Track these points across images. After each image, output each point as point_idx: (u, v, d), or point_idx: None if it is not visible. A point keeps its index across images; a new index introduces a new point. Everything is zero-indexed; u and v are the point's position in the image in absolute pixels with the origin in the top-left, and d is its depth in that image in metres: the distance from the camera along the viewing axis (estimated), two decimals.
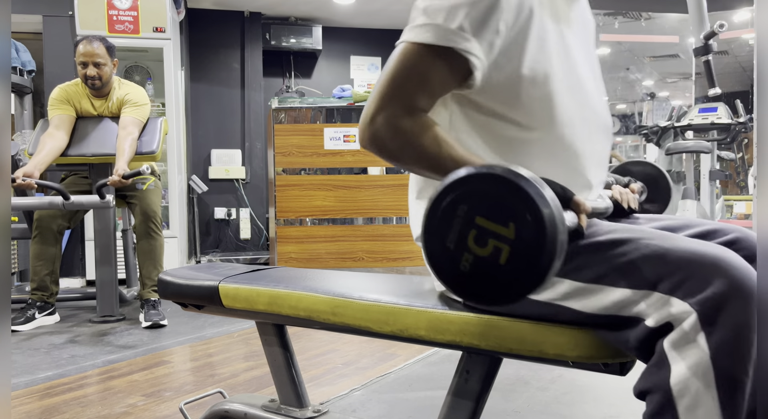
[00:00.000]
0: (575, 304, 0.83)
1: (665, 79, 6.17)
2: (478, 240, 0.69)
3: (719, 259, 0.74)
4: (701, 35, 1.97)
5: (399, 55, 0.91)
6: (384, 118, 0.89)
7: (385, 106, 0.89)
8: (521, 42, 0.90)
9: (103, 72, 3.08)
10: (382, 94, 0.90)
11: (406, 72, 0.89)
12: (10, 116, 3.68)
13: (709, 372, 0.69)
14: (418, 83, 0.89)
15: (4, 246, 0.79)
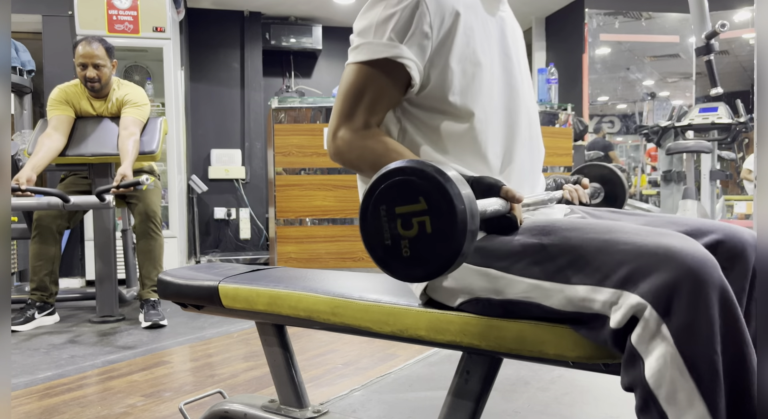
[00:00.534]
0: (542, 301, 0.84)
1: (665, 79, 6.16)
2: (405, 225, 0.78)
3: (661, 246, 0.75)
4: (703, 35, 1.97)
5: (346, 77, 1.05)
6: (342, 134, 1.03)
7: (341, 124, 1.03)
8: (449, 39, 1.01)
9: (103, 73, 3.08)
10: (338, 113, 1.04)
11: (356, 90, 1.03)
12: (10, 116, 3.67)
13: (677, 359, 0.71)
14: (368, 98, 1.02)
15: (4, 246, 0.79)
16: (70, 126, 3.14)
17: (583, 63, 5.87)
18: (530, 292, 0.85)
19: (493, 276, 0.88)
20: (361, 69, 1.03)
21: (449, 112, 1.03)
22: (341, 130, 1.03)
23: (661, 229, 0.81)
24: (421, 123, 1.05)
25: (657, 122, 5.25)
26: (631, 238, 0.78)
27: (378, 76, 1.01)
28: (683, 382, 0.71)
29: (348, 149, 1.02)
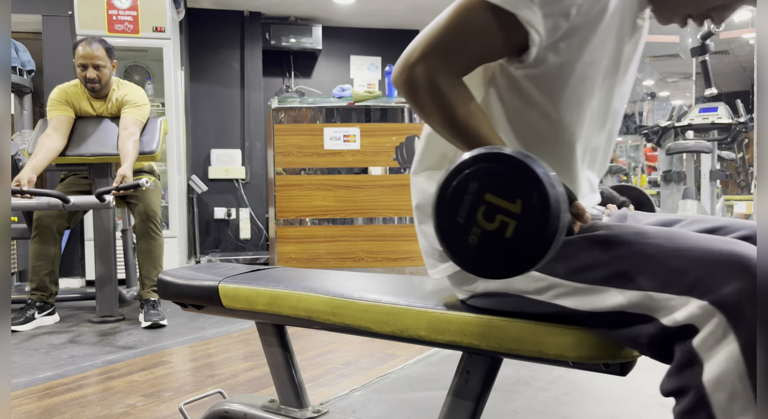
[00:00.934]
0: (579, 304, 0.82)
1: (666, 79, 6.17)
2: (487, 216, 0.73)
3: (733, 254, 0.73)
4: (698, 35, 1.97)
5: (457, 7, 0.86)
6: (424, 69, 0.86)
7: (427, 56, 0.86)
8: (587, 34, 0.87)
9: (103, 74, 3.08)
10: (429, 42, 0.86)
11: (460, 25, 0.85)
12: (10, 116, 3.67)
13: (741, 367, 0.69)
14: (469, 41, 0.86)
15: (4, 246, 0.79)
16: (70, 126, 3.14)
17: None
18: (570, 294, 0.83)
19: (536, 276, 0.85)
20: (481, 8, 0.84)
21: (544, 111, 0.92)
22: (424, 64, 0.86)
23: (725, 238, 0.78)
24: (507, 107, 0.93)
25: (657, 122, 5.25)
26: (700, 244, 0.76)
27: (497, 26, 0.84)
28: (741, 391, 0.69)
29: (426, 89, 0.86)
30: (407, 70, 0.87)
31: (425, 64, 0.86)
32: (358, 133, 4.07)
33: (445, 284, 1.06)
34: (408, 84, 0.88)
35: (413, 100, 0.89)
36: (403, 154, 4.09)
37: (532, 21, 0.83)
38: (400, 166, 4.09)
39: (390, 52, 6.16)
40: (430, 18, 0.92)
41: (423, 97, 0.87)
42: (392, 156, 4.09)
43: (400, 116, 4.12)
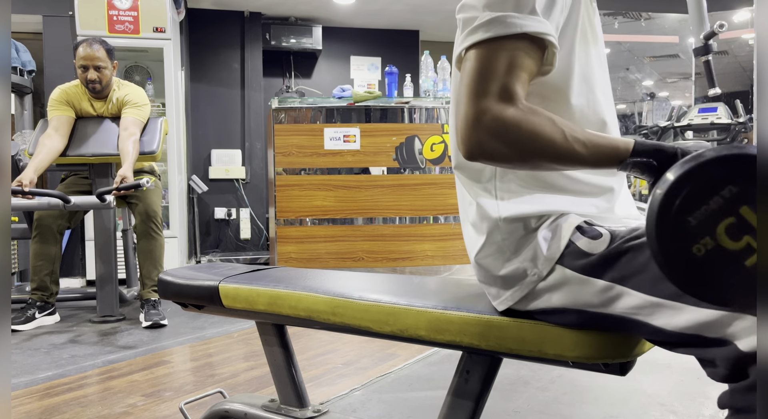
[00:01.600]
0: (653, 320, 0.77)
1: (665, 79, 6.17)
2: (731, 231, 0.60)
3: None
4: (701, 35, 1.97)
5: (475, 60, 0.81)
6: (486, 118, 0.78)
7: (481, 105, 0.79)
8: (574, 17, 0.89)
9: (104, 75, 3.09)
10: (471, 96, 0.80)
11: (491, 67, 0.80)
12: (10, 116, 3.68)
13: None
14: (507, 72, 0.80)
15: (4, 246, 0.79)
16: (70, 126, 3.14)
17: None
18: (642, 309, 0.77)
19: (602, 287, 0.81)
20: (497, 46, 0.81)
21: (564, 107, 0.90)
22: (482, 115, 0.78)
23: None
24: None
25: (656, 122, 5.26)
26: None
27: (519, 52, 0.81)
28: None
29: (501, 133, 0.78)
30: (472, 133, 0.79)
31: (483, 115, 0.79)
32: (358, 133, 4.07)
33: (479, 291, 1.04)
34: (481, 144, 0.79)
35: (496, 154, 0.79)
36: (403, 154, 4.09)
37: (546, 31, 0.81)
38: (400, 166, 4.09)
39: (390, 52, 6.17)
40: (430, 18, 0.91)
41: (503, 143, 0.79)
42: (392, 156, 4.09)
43: (400, 116, 4.12)
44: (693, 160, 0.64)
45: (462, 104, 0.81)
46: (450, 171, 4.12)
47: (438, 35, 6.76)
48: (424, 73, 4.30)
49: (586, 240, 0.85)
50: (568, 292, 0.85)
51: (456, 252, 4.14)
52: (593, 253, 0.84)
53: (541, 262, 0.88)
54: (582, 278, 0.84)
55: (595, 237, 0.85)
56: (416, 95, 4.52)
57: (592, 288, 0.83)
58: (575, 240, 0.86)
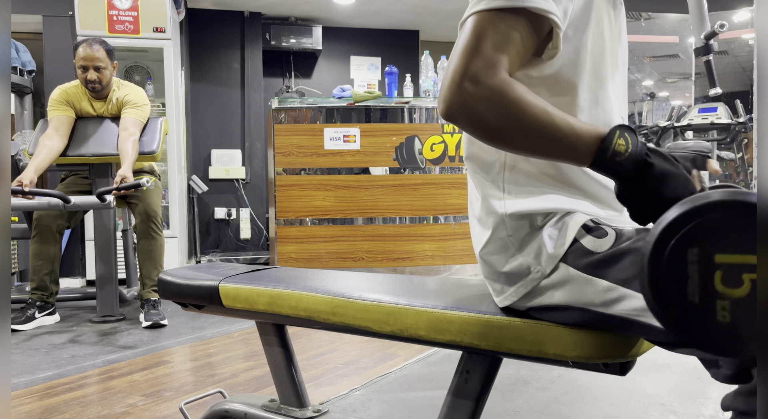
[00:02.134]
0: (656, 322, 0.75)
1: (665, 79, 6.17)
2: (728, 280, 0.59)
3: None
4: (702, 35, 1.97)
5: (472, 25, 0.80)
6: (473, 80, 0.76)
7: (469, 66, 0.77)
8: (587, 10, 0.87)
9: (104, 76, 3.09)
10: (461, 56, 0.78)
11: (486, 36, 0.79)
12: (10, 116, 3.68)
13: None
14: (502, 43, 0.79)
15: (4, 246, 0.79)
16: (70, 126, 3.14)
17: None
18: (644, 312, 0.76)
19: (604, 287, 0.81)
20: (496, 16, 0.79)
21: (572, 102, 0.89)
22: (469, 75, 0.77)
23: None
24: None
25: (656, 122, 5.26)
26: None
27: (519, 26, 0.80)
28: None
29: (486, 98, 0.76)
30: (456, 91, 0.77)
31: (470, 75, 0.77)
32: (358, 133, 4.07)
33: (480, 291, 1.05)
34: (463, 104, 0.77)
35: (477, 120, 0.78)
36: (403, 154, 4.09)
37: (549, 9, 0.80)
38: (400, 166, 4.09)
39: (390, 52, 6.17)
40: (430, 18, 0.91)
41: (486, 109, 0.77)
42: (392, 156, 4.09)
43: (400, 116, 4.12)
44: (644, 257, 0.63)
45: (452, 63, 0.80)
46: (450, 171, 4.12)
47: (438, 35, 6.76)
48: (424, 73, 4.30)
49: (591, 238, 0.85)
50: (571, 290, 0.85)
51: (456, 252, 4.14)
52: (597, 252, 0.83)
53: (544, 260, 0.88)
54: (585, 277, 0.83)
55: (601, 236, 0.84)
56: (416, 95, 4.52)
57: (594, 287, 0.82)
58: (580, 238, 0.86)
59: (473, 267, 4.13)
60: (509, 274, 0.91)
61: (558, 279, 0.86)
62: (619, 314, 0.80)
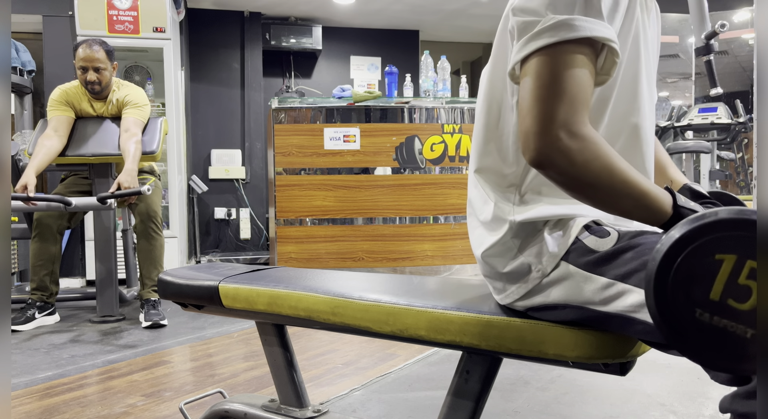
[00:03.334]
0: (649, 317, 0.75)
1: (665, 79, 6.17)
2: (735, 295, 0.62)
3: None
4: (702, 35, 1.97)
5: (543, 64, 0.78)
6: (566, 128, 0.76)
7: (557, 113, 0.76)
8: (627, 29, 0.87)
9: (103, 76, 3.09)
10: (547, 103, 0.77)
11: (563, 77, 0.77)
12: (10, 116, 3.68)
13: None
14: (580, 83, 0.78)
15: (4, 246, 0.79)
16: (70, 127, 3.14)
17: None
18: (642, 307, 0.76)
19: (603, 284, 0.81)
20: (565, 51, 0.77)
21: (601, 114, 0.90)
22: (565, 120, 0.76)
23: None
24: None
25: (656, 122, 5.26)
26: None
27: (587, 59, 0.78)
28: None
29: (584, 151, 0.75)
30: (550, 139, 0.76)
31: (566, 124, 0.76)
32: (358, 133, 4.07)
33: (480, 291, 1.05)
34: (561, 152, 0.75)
35: (574, 180, 0.77)
36: (403, 154, 4.09)
37: (611, 37, 0.79)
38: (400, 166, 4.09)
39: (390, 52, 6.17)
40: (430, 18, 0.91)
41: (589, 170, 0.76)
42: (392, 156, 4.09)
43: (400, 116, 4.12)
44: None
45: (535, 109, 0.78)
46: (450, 171, 4.12)
47: (438, 35, 6.76)
48: (424, 73, 4.30)
49: (593, 238, 0.85)
50: (570, 288, 0.85)
51: (456, 252, 4.14)
52: (598, 250, 0.83)
53: (546, 259, 0.88)
54: (585, 274, 0.84)
55: (603, 236, 0.85)
56: (416, 95, 4.52)
57: (593, 285, 0.82)
58: (582, 238, 0.86)
59: (473, 267, 4.13)
60: (510, 274, 0.92)
61: (558, 277, 0.87)
62: (617, 311, 0.80)
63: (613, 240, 0.84)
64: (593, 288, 0.82)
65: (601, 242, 0.84)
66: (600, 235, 0.85)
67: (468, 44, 7.50)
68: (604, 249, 0.83)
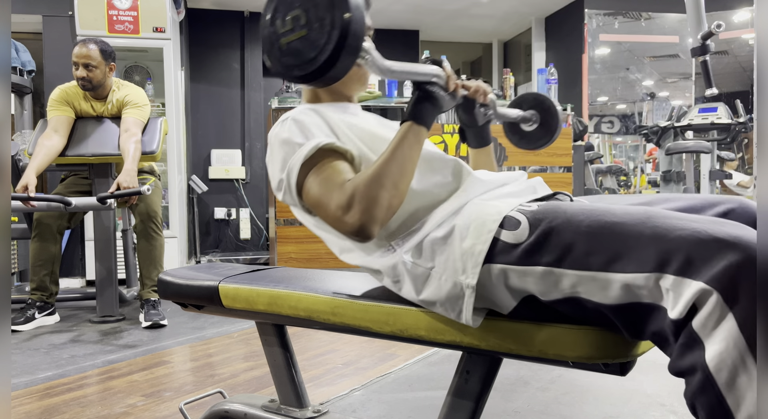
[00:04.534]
0: (593, 296, 0.81)
1: (665, 79, 6.17)
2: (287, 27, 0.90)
3: (724, 233, 0.74)
4: (699, 35, 1.97)
5: (310, 179, 1.05)
6: (344, 208, 1.00)
7: (335, 208, 1.01)
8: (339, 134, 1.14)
9: (94, 74, 3.07)
10: (326, 205, 1.03)
11: (324, 178, 1.04)
12: (10, 116, 3.68)
13: (741, 344, 0.70)
14: (337, 175, 1.04)
15: (4, 246, 0.79)
16: (69, 126, 3.14)
17: (583, 63, 5.87)
18: (578, 286, 0.82)
19: (541, 272, 0.85)
20: (310, 163, 1.06)
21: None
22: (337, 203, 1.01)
23: (716, 218, 0.79)
24: None
25: (656, 122, 5.26)
26: (688, 225, 0.77)
27: (329, 157, 1.08)
28: (744, 367, 0.70)
29: (358, 197, 0.99)
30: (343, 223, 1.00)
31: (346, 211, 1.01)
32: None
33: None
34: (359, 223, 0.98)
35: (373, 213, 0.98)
36: None
37: (331, 141, 1.09)
38: None
39: (390, 53, 6.15)
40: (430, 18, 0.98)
41: (367, 201, 0.98)
42: None
43: (400, 116, 4.12)
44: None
45: (326, 209, 1.02)
46: None
47: (438, 35, 6.76)
48: None
49: (507, 232, 0.89)
50: (516, 286, 0.88)
51: None
52: (521, 243, 0.87)
53: (469, 272, 0.91)
54: (521, 269, 0.87)
55: (515, 226, 0.89)
56: None
57: (533, 276, 0.86)
58: (498, 235, 0.90)
59: None
60: (452, 299, 0.93)
61: (498, 281, 0.89)
62: (563, 296, 0.84)
63: (526, 227, 0.88)
64: (534, 279, 0.86)
65: (519, 233, 0.88)
66: (512, 226, 0.89)
67: (468, 44, 7.50)
68: (525, 240, 0.87)
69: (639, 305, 0.79)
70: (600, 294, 0.81)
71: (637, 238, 0.79)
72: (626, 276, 0.78)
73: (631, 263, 0.78)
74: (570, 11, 6.01)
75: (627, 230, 0.80)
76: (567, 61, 5.99)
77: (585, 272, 0.82)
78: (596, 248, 0.81)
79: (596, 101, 6.04)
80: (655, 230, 0.78)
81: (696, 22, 1.97)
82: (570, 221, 0.85)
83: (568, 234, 0.84)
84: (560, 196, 1.09)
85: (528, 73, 6.77)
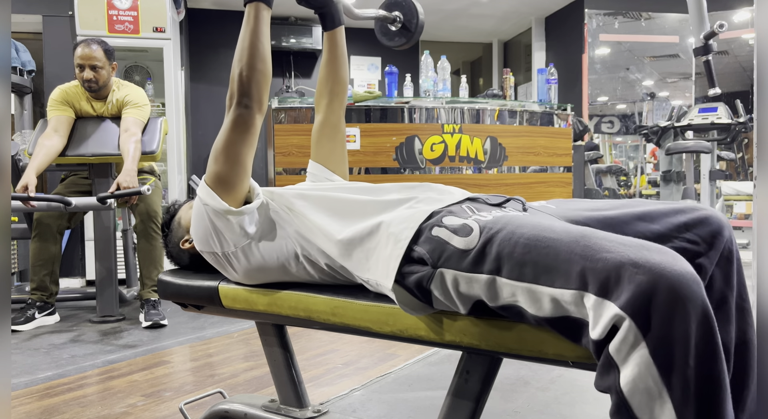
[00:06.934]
0: (529, 307, 0.84)
1: (665, 79, 6.17)
2: None
3: (643, 260, 0.75)
4: (701, 35, 1.97)
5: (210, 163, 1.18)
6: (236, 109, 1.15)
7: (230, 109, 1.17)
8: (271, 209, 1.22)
9: (100, 75, 3.08)
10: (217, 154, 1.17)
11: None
12: (10, 116, 3.68)
13: (652, 370, 0.72)
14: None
15: (4, 246, 0.79)
16: (69, 126, 3.14)
17: (583, 63, 5.87)
18: (516, 296, 0.85)
19: (486, 280, 0.88)
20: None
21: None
22: (234, 111, 1.15)
23: (646, 243, 0.80)
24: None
25: (656, 122, 5.26)
26: (615, 247, 0.78)
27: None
28: (656, 393, 0.72)
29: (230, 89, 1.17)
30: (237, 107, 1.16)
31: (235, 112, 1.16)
32: (358, 133, 4.07)
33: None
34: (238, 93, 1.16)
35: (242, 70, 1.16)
36: (403, 154, 4.09)
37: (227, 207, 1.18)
38: (400, 166, 4.09)
39: (390, 52, 6.16)
40: (430, 18, 0.96)
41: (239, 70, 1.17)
42: (392, 156, 4.09)
43: (400, 116, 4.12)
44: None
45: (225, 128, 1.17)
46: (450, 171, 4.12)
47: (438, 35, 6.76)
48: (424, 72, 4.29)
49: (460, 238, 0.92)
50: (466, 291, 0.90)
51: None
52: (471, 249, 0.90)
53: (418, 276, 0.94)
54: (468, 276, 0.89)
55: (468, 233, 0.91)
56: (416, 95, 4.51)
57: (479, 283, 0.88)
58: (449, 240, 0.92)
59: None
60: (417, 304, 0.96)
61: (453, 285, 0.91)
62: (506, 303, 0.86)
63: (477, 235, 0.91)
64: (480, 286, 0.88)
65: (470, 240, 0.91)
66: (464, 234, 0.92)
67: (468, 44, 7.50)
68: (474, 247, 0.90)
69: (569, 319, 0.81)
70: (534, 305, 0.83)
71: (568, 255, 0.81)
72: (554, 290, 0.81)
73: (560, 278, 0.81)
74: (570, 11, 6.01)
75: (560, 246, 0.82)
76: (567, 61, 5.99)
77: (520, 283, 0.84)
78: (529, 260, 0.84)
79: (596, 101, 6.04)
80: (585, 249, 0.80)
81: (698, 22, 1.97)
82: (513, 232, 0.88)
83: (508, 245, 0.86)
84: (513, 203, 1.09)
85: (528, 73, 6.78)
